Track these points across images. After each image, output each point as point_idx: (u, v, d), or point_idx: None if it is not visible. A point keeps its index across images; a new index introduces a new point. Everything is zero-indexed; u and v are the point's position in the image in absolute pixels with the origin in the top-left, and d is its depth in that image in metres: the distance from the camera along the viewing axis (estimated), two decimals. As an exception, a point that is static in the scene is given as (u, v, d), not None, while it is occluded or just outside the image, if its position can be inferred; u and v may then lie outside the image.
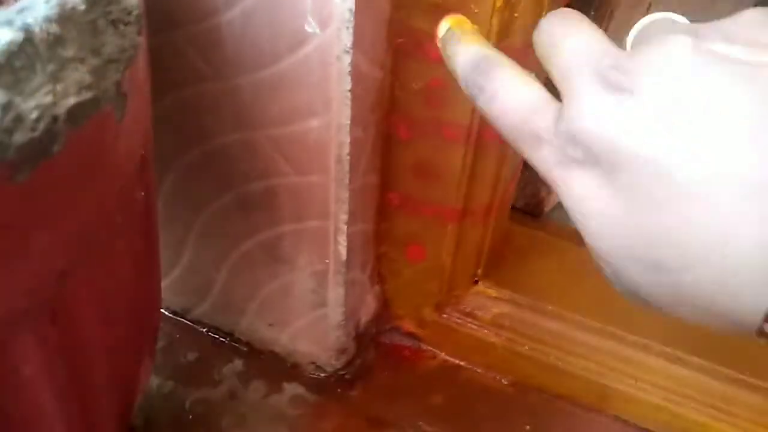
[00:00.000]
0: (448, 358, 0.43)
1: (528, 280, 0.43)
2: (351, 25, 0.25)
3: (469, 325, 0.42)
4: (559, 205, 0.52)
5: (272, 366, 0.42)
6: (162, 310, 0.44)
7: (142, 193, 0.22)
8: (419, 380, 0.42)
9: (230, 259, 0.38)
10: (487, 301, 0.42)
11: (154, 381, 0.40)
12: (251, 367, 0.42)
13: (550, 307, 0.41)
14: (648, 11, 0.45)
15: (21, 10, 0.13)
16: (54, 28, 0.14)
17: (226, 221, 0.36)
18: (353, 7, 0.25)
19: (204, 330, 0.43)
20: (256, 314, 0.41)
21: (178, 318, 0.44)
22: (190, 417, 0.39)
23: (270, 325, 0.40)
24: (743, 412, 0.37)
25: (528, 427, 0.40)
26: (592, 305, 0.41)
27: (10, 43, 0.13)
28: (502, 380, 0.42)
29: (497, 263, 0.43)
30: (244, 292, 0.39)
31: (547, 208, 0.49)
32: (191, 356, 0.42)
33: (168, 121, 0.33)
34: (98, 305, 0.19)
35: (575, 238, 0.48)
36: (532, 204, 0.49)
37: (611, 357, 0.39)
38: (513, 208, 0.49)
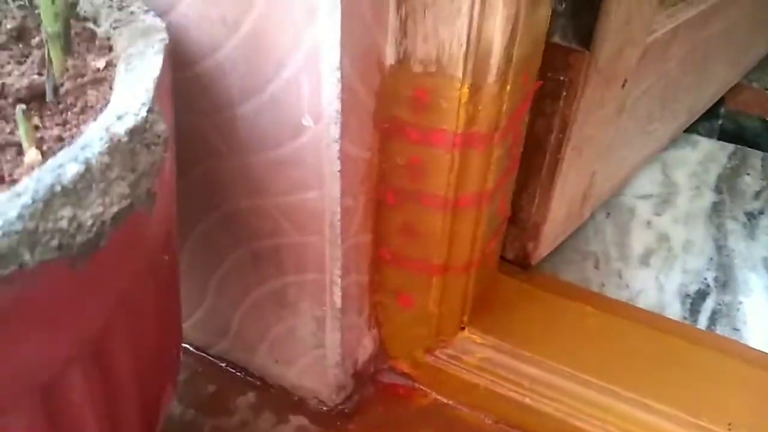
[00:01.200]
0: (438, 397, 0.48)
1: (511, 327, 0.47)
2: (338, 121, 0.31)
3: (456, 367, 0.46)
4: (548, 258, 0.57)
5: (281, 399, 0.47)
6: (187, 345, 0.50)
7: (166, 257, 0.28)
8: (411, 416, 0.47)
9: (244, 304, 0.44)
10: (473, 346, 0.46)
11: (178, 408, 0.46)
12: (262, 400, 0.47)
13: (528, 354, 0.45)
14: (623, 87, 0.50)
15: (83, 147, 0.20)
16: (106, 159, 0.20)
17: (240, 272, 0.42)
18: (339, 108, 0.31)
19: (223, 365, 0.49)
20: (266, 352, 0.46)
21: (201, 353, 0.50)
22: (207, 442, 0.45)
23: (277, 362, 0.46)
24: (702, 455, 0.41)
25: (507, 462, 0.44)
26: (565, 353, 0.45)
27: (76, 173, 0.19)
28: (485, 419, 0.46)
29: (484, 311, 0.48)
30: (255, 332, 0.45)
31: (534, 261, 0.54)
32: (211, 388, 0.48)
33: (194, 190, 0.39)
34: (130, 347, 0.25)
35: (558, 289, 0.53)
36: (520, 257, 0.53)
37: (581, 401, 0.43)
38: (504, 259, 0.54)
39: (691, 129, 0.74)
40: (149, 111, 0.22)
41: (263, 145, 0.35)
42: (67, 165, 0.19)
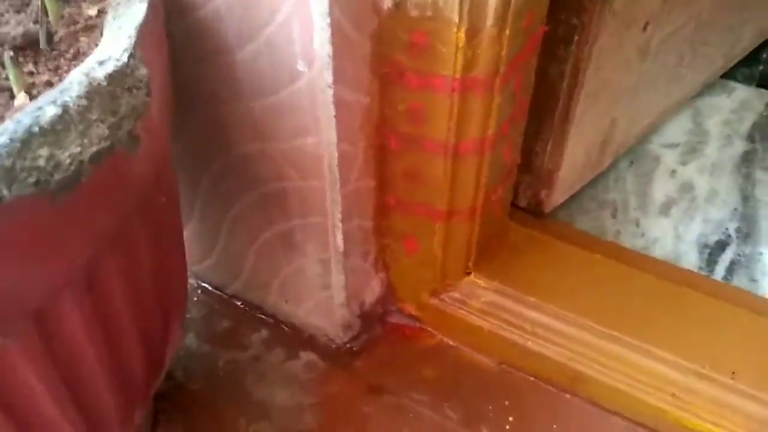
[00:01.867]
0: (443, 338, 0.49)
1: (517, 273, 0.48)
2: (330, 66, 0.32)
3: (462, 310, 0.47)
4: (563, 206, 0.56)
5: (292, 336, 0.50)
6: (206, 285, 0.53)
7: (163, 199, 0.30)
8: (416, 356, 0.49)
9: (256, 246, 0.46)
10: (477, 290, 0.47)
11: (194, 342, 0.49)
12: (274, 336, 0.50)
13: (531, 299, 0.46)
14: (645, 30, 0.48)
15: (61, 91, 0.21)
16: (84, 102, 0.21)
17: (250, 215, 0.43)
18: (330, 52, 0.31)
19: (238, 303, 0.52)
20: (277, 292, 0.48)
21: (218, 292, 0.52)
22: (221, 374, 0.47)
23: (287, 301, 0.48)
24: (700, 401, 0.41)
25: (507, 402, 0.46)
26: (570, 299, 0.45)
27: (54, 116, 0.20)
28: (488, 360, 0.48)
29: (490, 257, 0.49)
30: (267, 273, 0.47)
31: (547, 209, 0.53)
32: (226, 324, 0.51)
33: (202, 135, 0.40)
34: (125, 280, 0.27)
35: (569, 237, 0.53)
36: (532, 204, 0.53)
37: (583, 345, 0.44)
38: (516, 207, 0.54)
39: (729, 75, 0.71)
40: (131, 57, 0.23)
41: (262, 91, 0.35)
42: (45, 107, 0.20)
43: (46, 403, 0.25)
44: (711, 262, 0.54)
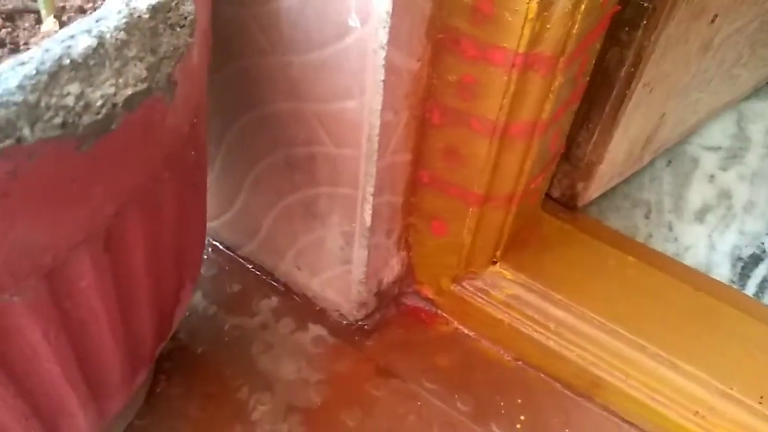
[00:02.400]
0: (459, 326, 0.47)
1: (545, 267, 0.45)
2: (387, 24, 0.29)
3: (483, 300, 0.45)
4: (596, 201, 0.54)
5: (303, 307, 0.47)
6: (217, 243, 0.51)
7: (193, 153, 0.27)
8: (430, 342, 0.46)
9: (275, 209, 0.43)
10: (502, 281, 0.45)
11: (201, 303, 0.47)
12: (284, 305, 0.48)
13: (558, 296, 0.43)
14: (713, 22, 0.45)
15: (98, 20, 0.18)
16: (122, 35, 0.18)
17: (274, 176, 0.41)
18: (390, 9, 0.28)
19: (250, 266, 0.49)
20: (293, 260, 0.46)
21: (230, 252, 0.50)
22: (226, 339, 0.45)
23: (302, 270, 0.45)
24: (724, 423, 0.39)
25: (520, 400, 0.44)
26: (598, 301, 0.43)
27: (88, 47, 0.17)
28: (505, 355, 0.46)
29: (519, 247, 0.46)
30: (284, 239, 0.45)
31: (581, 203, 0.51)
32: (236, 287, 0.48)
33: (232, 86, 0.37)
34: (145, 239, 0.24)
35: (602, 235, 0.51)
36: (566, 196, 0.51)
37: (607, 351, 0.42)
38: (549, 197, 0.52)
39: (779, 80, 0.67)
40: (177, -12, 0.20)
41: (306, 44, 0.32)
42: (78, 37, 0.17)
43: (49, 364, 0.23)
44: (743, 276, 0.52)
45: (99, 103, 0.17)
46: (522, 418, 0.43)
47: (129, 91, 0.18)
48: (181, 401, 0.42)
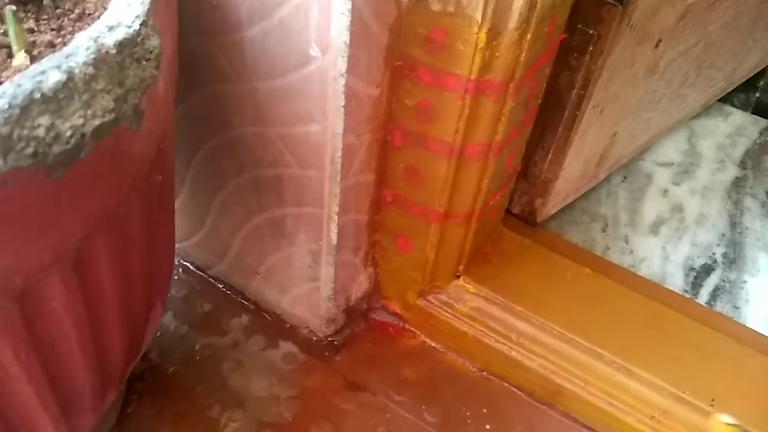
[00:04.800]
0: (426, 340, 0.49)
1: (506, 281, 0.47)
2: (346, 54, 0.30)
3: (447, 313, 0.47)
4: (555, 216, 0.56)
5: (273, 325, 0.48)
6: (188, 264, 0.51)
7: (160, 176, 0.28)
8: (398, 355, 0.48)
9: (244, 229, 0.44)
10: (465, 295, 0.46)
11: (172, 323, 0.48)
12: (255, 324, 0.49)
13: (519, 308, 0.45)
14: (657, 47, 0.48)
15: (67, 56, 0.19)
16: (90, 70, 0.20)
17: (242, 197, 0.42)
18: (348, 40, 0.30)
19: (220, 286, 0.50)
20: (262, 279, 0.47)
21: (200, 273, 0.51)
22: (198, 358, 0.46)
23: (272, 289, 0.46)
24: (679, 427, 0.41)
25: (485, 410, 0.45)
26: (558, 312, 0.45)
27: (57, 82, 0.19)
28: (470, 366, 0.47)
29: (481, 262, 0.48)
30: (253, 258, 0.46)
31: (540, 218, 0.53)
32: (206, 307, 0.49)
33: (200, 111, 0.39)
34: (114, 260, 0.26)
35: (560, 249, 0.53)
36: (526, 212, 0.53)
37: (566, 359, 0.44)
38: (510, 213, 0.54)
39: (726, 99, 0.71)
40: (143, 24, 0.22)
41: (269, 72, 0.34)
42: (49, 72, 0.19)
43: (20, 384, 0.24)
44: (696, 285, 0.54)
45: (68, 133, 0.19)
46: (487, 427, 0.44)
47: (97, 122, 0.20)
48: (152, 421, 0.42)
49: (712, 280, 0.55)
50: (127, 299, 0.28)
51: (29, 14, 0.24)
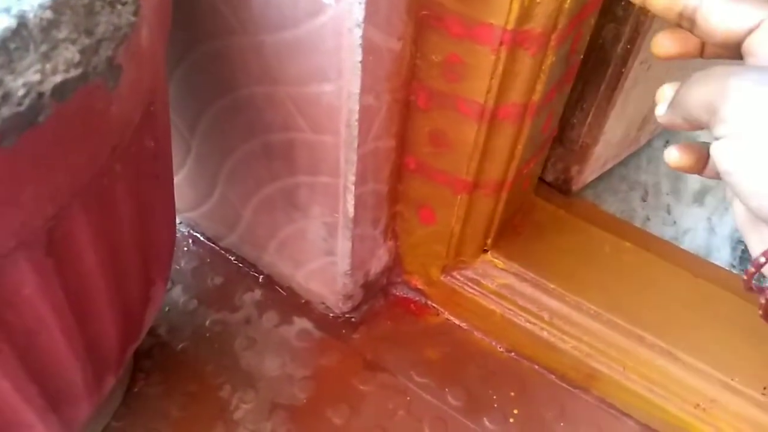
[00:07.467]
0: (450, 317, 0.45)
1: (538, 256, 0.43)
2: (363, 0, 0.26)
3: (474, 290, 0.43)
4: (591, 184, 0.52)
5: (287, 300, 0.46)
6: (197, 235, 0.49)
7: (152, 143, 0.25)
8: (419, 334, 0.45)
9: (254, 199, 0.41)
10: (494, 271, 0.43)
11: (182, 298, 0.45)
12: (268, 298, 0.46)
13: (552, 286, 0.42)
14: None
15: (19, -3, 0.16)
16: (48, 14, 0.16)
17: (251, 164, 0.39)
18: (365, -17, 0.26)
19: (232, 258, 0.47)
20: (275, 251, 0.44)
21: (211, 244, 0.48)
22: (208, 334, 0.43)
23: (285, 262, 0.43)
24: (726, 416, 0.38)
25: (513, 393, 0.42)
26: (594, 290, 0.41)
27: (5, 29, 0.15)
28: (497, 346, 0.44)
29: (511, 235, 0.44)
30: (266, 229, 0.43)
31: (576, 187, 0.49)
32: (217, 280, 0.47)
33: (202, 69, 0.35)
34: (98, 238, 0.22)
35: (597, 220, 0.48)
36: (560, 180, 0.49)
37: (603, 341, 0.40)
38: (542, 181, 0.49)
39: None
40: (117, -40, 0.18)
41: (278, 23, 0.30)
42: (-5, 17, 0.15)
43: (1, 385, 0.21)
44: (744, 260, 0.50)
45: (21, 92, 0.15)
46: (515, 411, 0.41)
47: (59, 78, 0.16)
48: (160, 401, 0.40)
49: (762, 255, 0.50)
50: (118, 279, 0.25)
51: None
